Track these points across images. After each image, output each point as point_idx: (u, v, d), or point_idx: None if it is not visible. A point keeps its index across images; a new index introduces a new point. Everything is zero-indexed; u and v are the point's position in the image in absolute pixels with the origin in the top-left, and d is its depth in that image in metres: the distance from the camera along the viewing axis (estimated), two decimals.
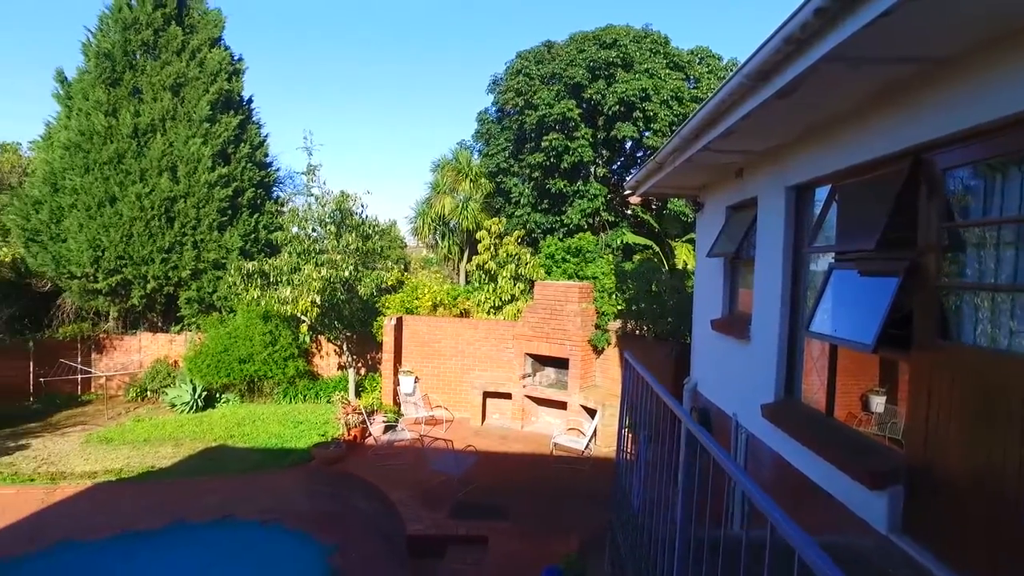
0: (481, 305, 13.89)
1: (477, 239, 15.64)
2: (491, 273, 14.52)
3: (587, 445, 10.10)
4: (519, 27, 75.89)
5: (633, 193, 7.28)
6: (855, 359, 3.45)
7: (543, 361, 11.87)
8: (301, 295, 11.57)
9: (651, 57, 18.24)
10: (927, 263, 2.64)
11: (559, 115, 18.10)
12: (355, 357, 13.58)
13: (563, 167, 18.56)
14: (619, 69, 18.01)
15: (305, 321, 12.71)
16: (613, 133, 18.41)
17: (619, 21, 19.77)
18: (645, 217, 18.99)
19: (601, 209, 19.19)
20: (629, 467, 3.89)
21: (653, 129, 17.98)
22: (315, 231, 12.78)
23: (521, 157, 20.00)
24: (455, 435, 10.43)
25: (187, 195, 14.77)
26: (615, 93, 17.64)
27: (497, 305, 13.82)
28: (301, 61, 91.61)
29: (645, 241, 18.23)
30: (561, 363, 11.44)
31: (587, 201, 18.85)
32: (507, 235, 15.23)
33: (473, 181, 22.56)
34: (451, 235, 23.85)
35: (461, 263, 23.60)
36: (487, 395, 11.90)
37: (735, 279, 5.73)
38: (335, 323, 12.98)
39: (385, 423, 11.20)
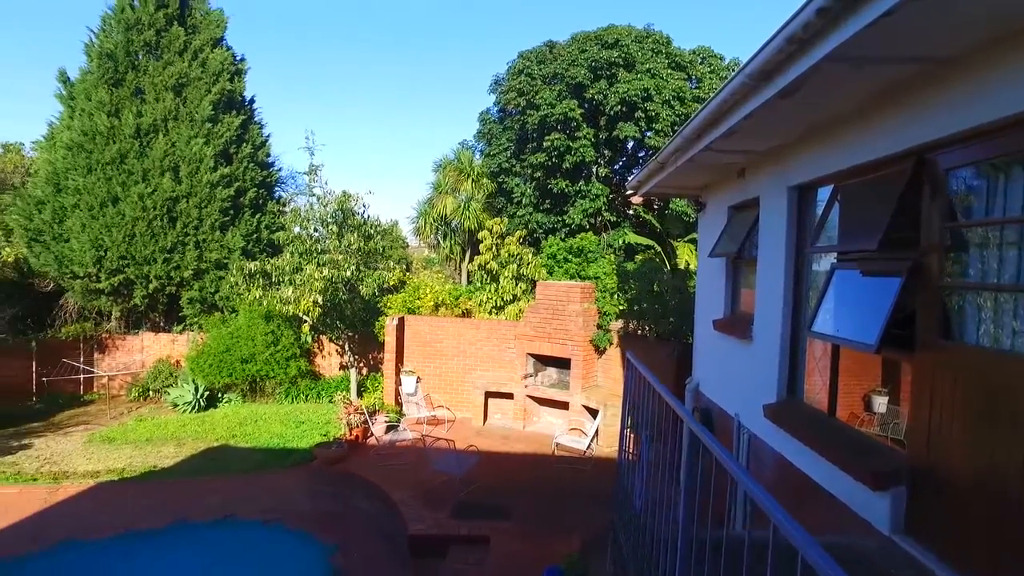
0: (483, 305, 13.89)
1: (479, 239, 15.65)
2: (493, 273, 14.53)
3: (589, 445, 10.10)
4: (521, 27, 76.04)
5: (635, 193, 7.27)
6: (857, 359, 3.45)
7: (545, 361, 11.86)
8: (303, 295, 11.59)
9: (653, 57, 18.21)
10: (930, 263, 2.64)
11: (561, 115, 18.08)
12: (357, 357, 13.59)
13: (565, 167, 18.55)
14: (621, 69, 17.99)
15: (307, 321, 12.72)
16: (615, 133, 18.39)
17: (621, 21, 19.75)
18: (647, 217, 18.96)
19: (603, 209, 19.17)
20: (631, 467, 3.88)
21: (655, 129, 17.96)
22: (317, 231, 12.80)
23: (523, 157, 19.99)
24: (457, 435, 10.43)
25: (189, 195, 14.80)
26: (617, 93, 17.61)
27: (499, 305, 13.82)
28: (302, 61, 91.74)
29: (647, 241, 18.21)
30: (563, 363, 11.44)
31: (589, 201, 18.83)
32: (509, 235, 15.25)
33: (475, 181, 22.55)
34: (453, 235, 23.84)
35: (463, 263, 23.60)
36: (489, 395, 11.90)
37: (737, 279, 5.72)
38: (337, 323, 12.99)
39: (387, 423, 11.21)
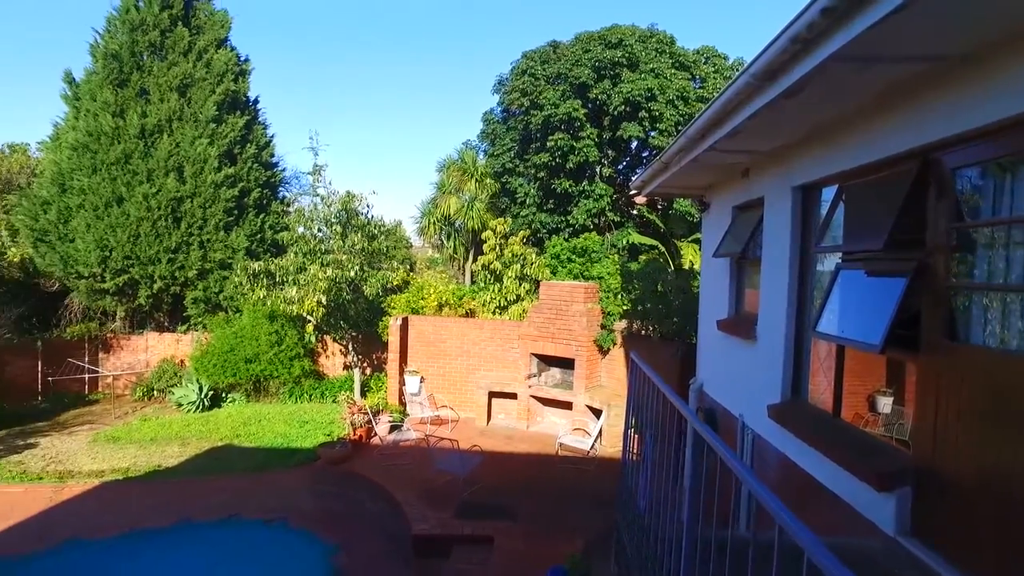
0: (487, 305, 13.89)
1: (482, 239, 15.65)
2: (496, 273, 14.53)
3: (592, 445, 10.10)
4: (524, 28, 76.10)
5: (639, 193, 7.26)
6: (862, 360, 3.44)
7: (548, 361, 11.86)
8: (307, 295, 11.61)
9: (657, 57, 18.17)
10: (935, 263, 2.63)
11: (564, 115, 18.06)
12: (360, 357, 13.62)
13: (568, 167, 18.52)
14: (625, 69, 17.95)
15: (311, 321, 12.75)
16: (619, 133, 18.35)
17: (625, 21, 19.71)
18: (651, 217, 18.92)
19: (607, 209, 19.13)
20: (635, 467, 3.88)
21: (659, 129, 17.91)
22: (321, 231, 12.83)
23: (526, 157, 19.97)
24: (460, 435, 10.44)
25: (193, 195, 14.84)
26: (621, 93, 17.58)
27: (502, 305, 13.82)
28: (305, 63, 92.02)
29: (651, 241, 18.16)
30: (567, 363, 11.43)
31: (592, 201, 18.80)
32: (512, 235, 15.25)
33: (478, 181, 22.55)
34: (456, 235, 23.86)
35: (466, 263, 23.60)
36: (492, 395, 11.90)
37: (741, 279, 5.71)
38: (341, 323, 13.02)
39: (391, 423, 11.22)
